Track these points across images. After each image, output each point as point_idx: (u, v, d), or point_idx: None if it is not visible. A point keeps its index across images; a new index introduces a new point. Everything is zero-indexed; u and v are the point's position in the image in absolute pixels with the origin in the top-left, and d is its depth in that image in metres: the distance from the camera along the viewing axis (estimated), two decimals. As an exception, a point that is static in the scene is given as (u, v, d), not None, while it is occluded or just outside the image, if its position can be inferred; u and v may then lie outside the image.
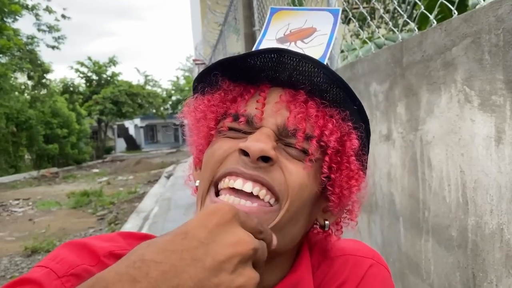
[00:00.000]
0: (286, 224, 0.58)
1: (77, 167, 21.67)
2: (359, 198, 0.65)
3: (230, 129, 0.62)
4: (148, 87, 37.85)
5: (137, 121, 41.78)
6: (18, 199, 10.43)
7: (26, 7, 19.16)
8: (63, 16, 21.67)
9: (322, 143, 0.59)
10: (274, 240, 0.52)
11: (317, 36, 0.67)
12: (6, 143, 17.54)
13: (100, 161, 26.51)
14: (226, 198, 0.57)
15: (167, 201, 7.97)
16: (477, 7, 1.14)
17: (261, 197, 0.57)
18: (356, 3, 2.19)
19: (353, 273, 0.70)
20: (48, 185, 14.01)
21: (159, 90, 41.19)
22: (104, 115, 31.09)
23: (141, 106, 33.37)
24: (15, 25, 18.54)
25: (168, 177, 12.51)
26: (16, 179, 15.92)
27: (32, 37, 19.51)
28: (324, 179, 0.61)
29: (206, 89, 0.66)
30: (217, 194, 0.59)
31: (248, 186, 0.56)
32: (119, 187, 11.92)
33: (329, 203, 0.64)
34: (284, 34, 0.68)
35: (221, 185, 0.59)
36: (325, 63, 0.62)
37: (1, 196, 11.14)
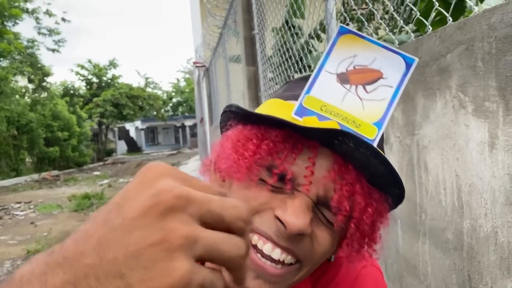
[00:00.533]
0: (302, 277, 0.61)
1: (78, 170, 21.72)
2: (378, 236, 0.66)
3: (262, 180, 0.60)
4: (148, 90, 37.95)
5: (138, 123, 41.87)
6: (19, 203, 10.46)
7: (27, 11, 19.24)
8: (63, 19, 21.79)
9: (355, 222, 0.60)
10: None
11: (381, 86, 0.61)
12: (7, 147, 17.59)
13: (101, 163, 26.56)
14: (258, 257, 0.58)
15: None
16: (471, 14, 1.17)
17: (285, 262, 0.58)
18: (354, 4, 2.22)
19: (347, 274, 0.73)
20: (49, 188, 14.05)
21: (159, 92, 41.32)
22: (105, 118, 31.16)
23: (142, 109, 33.46)
24: (15, 29, 18.62)
25: (169, 180, 12.52)
26: (18, 182, 15.97)
27: (33, 41, 19.60)
28: (345, 245, 0.62)
29: (257, 126, 0.61)
30: None
31: (276, 254, 0.57)
32: (120, 190, 11.95)
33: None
34: (346, 70, 0.62)
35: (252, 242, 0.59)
36: (383, 127, 0.59)
37: (3, 200, 11.17)
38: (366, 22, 2.34)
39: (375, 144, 0.57)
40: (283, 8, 3.74)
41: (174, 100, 45.98)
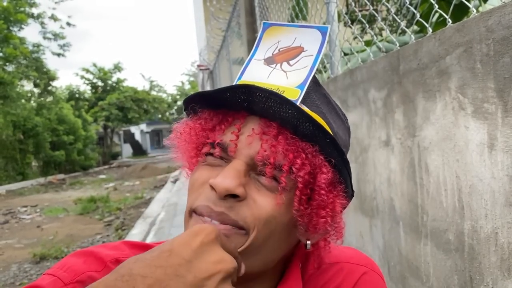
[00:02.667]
0: (256, 249, 0.59)
1: (84, 173, 21.81)
2: (340, 221, 0.65)
3: (209, 154, 0.64)
4: (153, 93, 38.04)
5: (143, 126, 42.01)
6: (26, 206, 10.53)
7: (32, 16, 19.40)
8: (68, 24, 21.96)
9: (291, 177, 0.59)
10: (242, 269, 0.54)
11: (303, 58, 0.66)
12: (13, 151, 17.70)
13: (106, 167, 26.65)
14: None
15: (173, 206, 8.02)
16: (470, 17, 1.18)
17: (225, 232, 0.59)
18: (359, 6, 2.23)
19: (346, 280, 0.72)
20: (55, 191, 14.12)
21: (164, 95, 41.38)
22: (110, 121, 31.27)
23: (147, 112, 33.55)
24: (21, 34, 18.78)
25: (174, 182, 12.57)
26: (24, 186, 16.06)
27: (38, 45, 19.74)
28: (294, 210, 0.61)
29: (190, 115, 0.69)
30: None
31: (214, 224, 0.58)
32: (126, 193, 11.99)
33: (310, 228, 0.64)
34: (272, 54, 0.68)
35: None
36: (305, 88, 0.64)
37: (9, 203, 11.25)
38: (367, 25, 2.34)
39: (297, 102, 0.62)
40: (285, 10, 3.75)
41: (179, 103, 46.06)
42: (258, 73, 0.68)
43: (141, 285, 0.41)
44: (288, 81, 0.65)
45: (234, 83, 0.64)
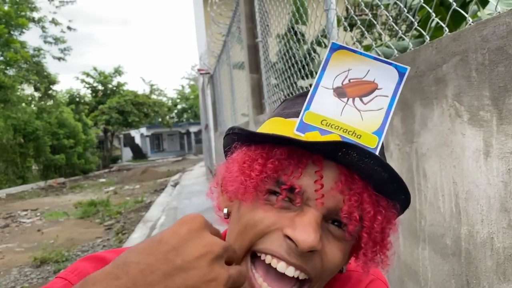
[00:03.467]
0: None
1: (84, 177, 21.83)
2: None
3: (273, 193, 0.60)
4: (153, 96, 38.13)
5: (143, 130, 42.08)
6: (26, 210, 10.55)
7: (33, 20, 19.48)
8: (69, 28, 22.02)
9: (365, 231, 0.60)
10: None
11: (377, 97, 0.62)
12: (13, 154, 17.73)
13: (106, 170, 26.67)
14: (263, 284, 0.60)
15: (174, 210, 8.03)
16: (466, 26, 1.21)
17: (299, 278, 0.59)
18: (358, 10, 2.26)
19: (355, 287, 0.76)
20: (55, 195, 14.14)
21: (164, 99, 41.50)
22: (110, 125, 31.33)
23: (147, 115, 33.61)
24: (22, 38, 18.86)
25: (174, 186, 12.59)
26: (24, 190, 16.08)
27: (39, 49, 19.82)
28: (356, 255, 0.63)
29: (262, 145, 0.63)
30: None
31: (290, 271, 0.58)
32: (126, 197, 12.01)
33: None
34: (342, 84, 0.64)
35: (261, 256, 0.60)
36: (383, 136, 0.61)
37: (10, 207, 11.26)
38: (367, 30, 2.37)
39: (376, 153, 0.59)
40: (285, 16, 3.78)
41: (179, 106, 46.16)
42: (329, 106, 0.63)
43: (134, 270, 0.45)
44: (363, 123, 0.62)
45: (300, 114, 0.62)
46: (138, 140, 43.96)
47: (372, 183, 0.59)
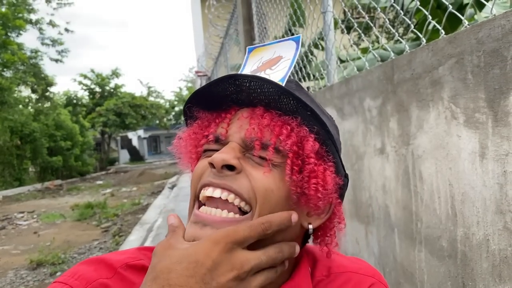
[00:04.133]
0: None
1: (81, 179, 21.74)
2: (336, 199, 0.69)
3: (207, 150, 0.70)
4: (151, 99, 38.02)
5: (141, 132, 41.95)
6: (22, 212, 10.49)
7: (30, 22, 19.43)
8: (66, 30, 21.98)
9: (280, 148, 0.64)
10: (294, 218, 0.63)
11: (282, 62, 0.75)
12: (10, 156, 17.65)
13: (103, 172, 26.58)
14: (204, 209, 0.64)
15: (171, 213, 8.00)
16: (461, 29, 1.21)
17: (230, 201, 0.63)
18: (355, 12, 2.26)
19: None
20: (52, 197, 14.08)
21: (162, 101, 41.37)
22: (108, 127, 31.24)
23: (144, 117, 33.52)
24: (19, 39, 18.75)
25: (171, 188, 12.56)
26: (21, 192, 16.00)
27: (36, 51, 19.74)
28: (288, 179, 0.64)
29: (189, 121, 0.76)
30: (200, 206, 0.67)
31: (217, 193, 0.63)
32: (123, 199, 11.97)
33: (308, 205, 0.67)
34: (257, 67, 0.76)
35: (200, 197, 0.66)
36: (285, 81, 0.69)
37: (6, 209, 11.21)
38: (364, 32, 2.38)
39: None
40: (283, 19, 3.79)
41: (176, 108, 46.11)
42: None
43: None
44: (271, 78, 0.72)
45: None
46: (135, 142, 43.87)
47: (275, 107, 0.67)
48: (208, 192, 0.64)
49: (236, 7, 5.08)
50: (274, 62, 0.76)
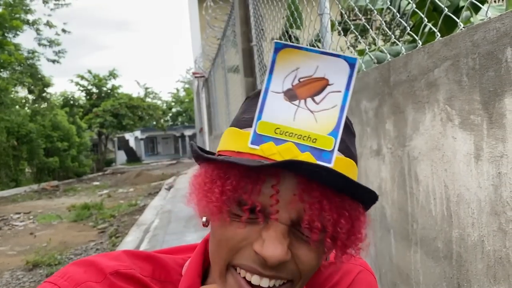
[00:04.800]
0: None
1: (78, 180, 21.71)
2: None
3: (236, 215, 0.61)
4: (148, 100, 38.04)
5: (138, 133, 41.93)
6: (19, 213, 10.46)
7: (27, 22, 19.40)
8: (64, 31, 21.96)
9: (334, 235, 0.61)
10: None
11: (330, 94, 0.60)
12: (7, 157, 17.61)
13: (100, 173, 26.55)
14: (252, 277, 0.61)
15: (168, 214, 8.00)
16: (457, 32, 1.22)
17: (275, 285, 0.61)
18: (352, 14, 2.27)
19: (344, 277, 0.78)
20: (48, 198, 14.04)
21: (159, 102, 41.42)
22: (105, 128, 31.21)
23: (141, 119, 33.52)
24: (16, 40, 18.72)
25: (168, 189, 12.54)
26: (17, 193, 15.95)
27: (33, 52, 19.72)
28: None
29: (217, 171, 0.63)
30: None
31: (265, 282, 0.60)
32: (120, 200, 11.95)
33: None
34: (292, 85, 0.61)
35: (238, 270, 0.62)
36: (339, 136, 0.59)
37: (2, 210, 11.17)
38: (361, 34, 2.39)
39: (334, 153, 0.58)
40: (280, 20, 3.80)
41: (173, 110, 46.10)
42: (281, 113, 0.60)
43: None
44: (318, 125, 0.60)
45: (253, 126, 0.60)
46: (132, 143, 43.81)
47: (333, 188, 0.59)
48: (254, 280, 0.60)
49: (234, 9, 5.09)
50: (317, 88, 0.60)
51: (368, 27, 1.99)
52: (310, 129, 0.59)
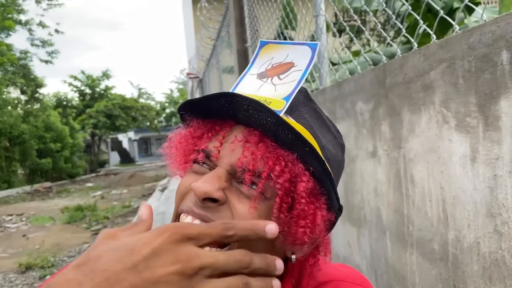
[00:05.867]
0: None
1: (71, 181, 21.57)
2: (323, 234, 0.65)
3: (196, 162, 0.67)
4: (141, 100, 37.93)
5: (131, 134, 41.75)
6: (11, 215, 10.38)
7: (20, 22, 19.27)
8: (56, 31, 21.84)
9: (271, 184, 0.60)
10: (271, 228, 0.51)
11: (293, 72, 0.70)
12: (-1, 158, 17.47)
13: (93, 175, 26.40)
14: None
15: (162, 216, 7.96)
16: (453, 33, 1.22)
17: None
18: (347, 15, 2.28)
19: None
20: (41, 200, 13.95)
21: (152, 103, 41.28)
22: (98, 129, 31.07)
23: (135, 119, 33.40)
24: (8, 40, 18.60)
25: (162, 190, 12.50)
26: (9, 194, 15.82)
27: (26, 52, 19.59)
28: (274, 218, 0.61)
29: (181, 125, 0.74)
30: None
31: (196, 223, 0.59)
32: (113, 201, 11.90)
33: (294, 243, 0.64)
34: (265, 69, 0.72)
35: (181, 218, 0.63)
36: (290, 99, 0.66)
37: (-6, 212, 11.08)
38: (356, 35, 2.39)
39: (281, 112, 0.64)
40: (275, 21, 3.80)
41: (167, 110, 46.00)
42: (249, 86, 0.71)
43: (100, 277, 0.43)
44: (276, 93, 0.68)
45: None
46: (125, 144, 43.64)
47: (272, 136, 0.62)
48: (187, 220, 0.61)
49: (228, 10, 5.08)
50: (284, 69, 0.71)
51: (363, 28, 1.99)
52: (268, 95, 0.69)
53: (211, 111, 0.66)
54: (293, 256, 0.66)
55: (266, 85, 0.70)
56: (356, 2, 3.83)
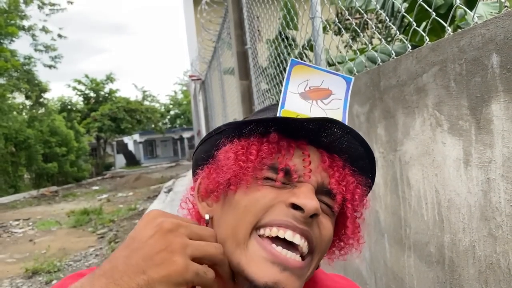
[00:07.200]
0: (311, 271, 0.68)
1: (77, 185, 21.66)
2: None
3: (268, 178, 0.66)
4: (146, 103, 38.07)
5: (136, 136, 41.90)
6: (18, 220, 10.44)
7: (23, 28, 19.38)
8: (60, 36, 21.95)
9: (349, 205, 0.70)
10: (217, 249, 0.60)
11: (334, 100, 0.74)
12: (5, 164, 17.59)
13: (99, 178, 26.49)
14: (283, 252, 0.63)
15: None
16: (445, 35, 1.22)
17: (301, 249, 0.64)
18: (348, 14, 2.27)
19: None
20: (47, 204, 14.02)
21: (157, 105, 41.44)
22: (103, 132, 31.19)
23: (140, 122, 33.49)
24: (12, 46, 18.71)
25: (167, 192, 12.52)
26: (16, 199, 15.91)
27: (29, 57, 19.72)
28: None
29: (252, 136, 0.69)
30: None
31: (297, 239, 0.63)
32: (119, 204, 11.94)
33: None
34: (304, 90, 0.75)
35: (265, 232, 0.63)
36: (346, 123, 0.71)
37: (1, 217, 11.14)
38: (353, 34, 2.39)
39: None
40: (275, 20, 3.80)
41: (171, 112, 46.14)
42: (299, 105, 0.74)
43: (105, 263, 0.55)
44: (326, 114, 0.73)
45: (278, 111, 0.71)
46: (131, 147, 43.75)
47: (349, 160, 0.70)
48: (287, 235, 0.62)
49: (228, 12, 5.09)
50: (324, 94, 0.74)
51: (358, 30, 1.99)
52: None
53: (296, 132, 0.68)
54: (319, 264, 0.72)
55: (316, 108, 0.74)
56: (358, 0, 3.82)
